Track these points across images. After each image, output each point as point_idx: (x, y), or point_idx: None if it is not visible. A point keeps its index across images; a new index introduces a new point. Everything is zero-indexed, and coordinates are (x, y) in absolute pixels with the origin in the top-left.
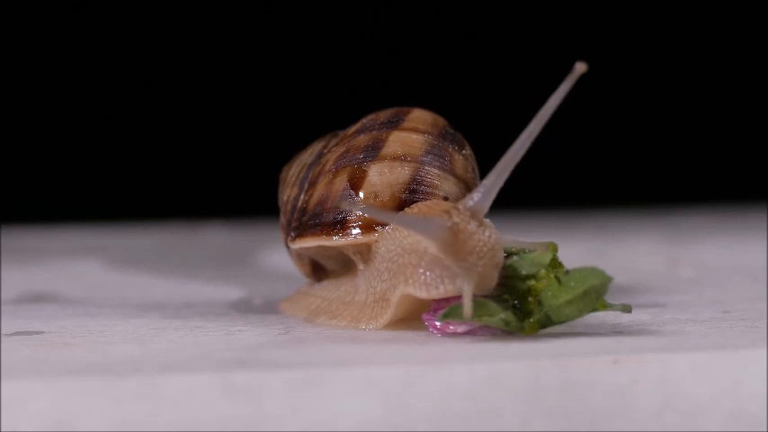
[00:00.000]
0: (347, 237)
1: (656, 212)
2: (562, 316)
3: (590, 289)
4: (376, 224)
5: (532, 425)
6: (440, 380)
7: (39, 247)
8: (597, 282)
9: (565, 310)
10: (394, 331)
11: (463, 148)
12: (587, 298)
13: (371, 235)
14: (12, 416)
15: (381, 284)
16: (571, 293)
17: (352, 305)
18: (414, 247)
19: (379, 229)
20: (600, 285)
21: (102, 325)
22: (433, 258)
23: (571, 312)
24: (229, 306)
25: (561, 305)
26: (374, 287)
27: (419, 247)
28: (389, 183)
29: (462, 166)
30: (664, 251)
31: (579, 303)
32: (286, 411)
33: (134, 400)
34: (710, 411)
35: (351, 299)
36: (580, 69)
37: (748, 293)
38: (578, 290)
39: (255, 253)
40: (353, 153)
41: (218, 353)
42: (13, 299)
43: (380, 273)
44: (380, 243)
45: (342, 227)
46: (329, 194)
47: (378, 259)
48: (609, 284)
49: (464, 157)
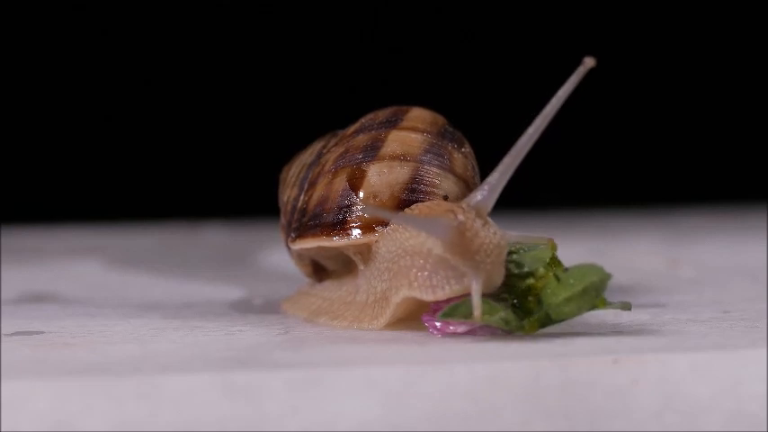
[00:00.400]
0: (347, 237)
1: (656, 212)
2: (562, 314)
3: (589, 286)
4: (376, 224)
5: (532, 425)
6: (440, 380)
7: (39, 247)
8: (596, 278)
9: (564, 308)
10: (394, 331)
11: (462, 146)
12: (587, 295)
13: (371, 235)
14: (12, 416)
15: (381, 284)
16: (570, 291)
17: (353, 305)
18: (416, 249)
19: (379, 230)
20: (599, 282)
21: (102, 325)
22: (437, 260)
23: (570, 310)
24: (229, 306)
25: (560, 303)
26: (374, 287)
27: (422, 249)
28: (389, 183)
29: (462, 164)
30: (664, 251)
31: (579, 301)
32: (286, 411)
33: (134, 400)
34: (710, 411)
35: (352, 299)
36: (589, 64)
37: (748, 293)
38: (577, 287)
39: (255, 253)
40: (352, 153)
41: (218, 353)
42: (13, 299)
43: (381, 273)
44: (381, 243)
45: (342, 227)
46: (329, 195)
47: (378, 259)
48: (608, 281)
49: (463, 155)
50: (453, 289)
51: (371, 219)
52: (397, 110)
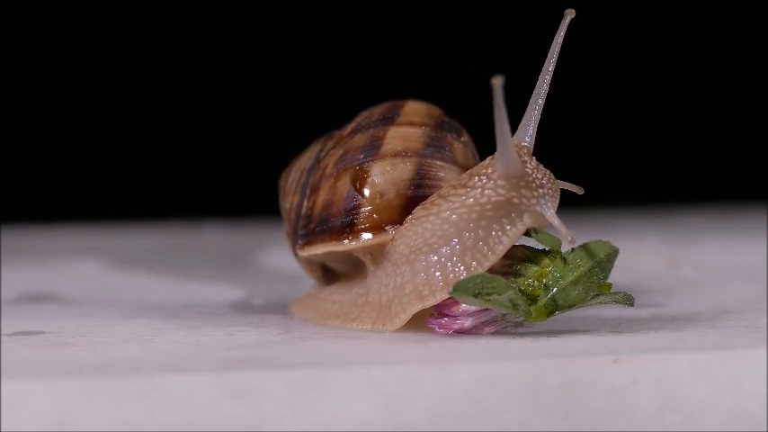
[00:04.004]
0: (358, 239)
1: (656, 212)
2: (569, 299)
3: (595, 264)
4: (386, 224)
5: (532, 425)
6: (440, 380)
7: (39, 247)
8: (603, 255)
9: (571, 291)
10: (394, 331)
11: (461, 135)
12: (594, 276)
13: (383, 235)
14: (12, 416)
15: (398, 279)
16: (577, 271)
17: (367, 307)
18: (445, 234)
19: (390, 228)
20: (606, 258)
21: (102, 325)
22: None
23: (578, 295)
24: (229, 306)
25: (567, 286)
26: (386, 285)
27: (448, 233)
28: (393, 180)
29: (463, 153)
30: (664, 251)
31: (586, 282)
32: (286, 411)
33: (134, 400)
34: (710, 411)
35: (363, 301)
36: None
37: (748, 293)
38: (584, 267)
39: (255, 253)
40: (353, 154)
41: (218, 353)
42: (13, 299)
43: (398, 267)
44: (398, 241)
45: (351, 230)
46: (333, 199)
47: (394, 256)
48: (616, 256)
49: (463, 144)
50: (518, 229)
51: (381, 218)
52: (391, 105)
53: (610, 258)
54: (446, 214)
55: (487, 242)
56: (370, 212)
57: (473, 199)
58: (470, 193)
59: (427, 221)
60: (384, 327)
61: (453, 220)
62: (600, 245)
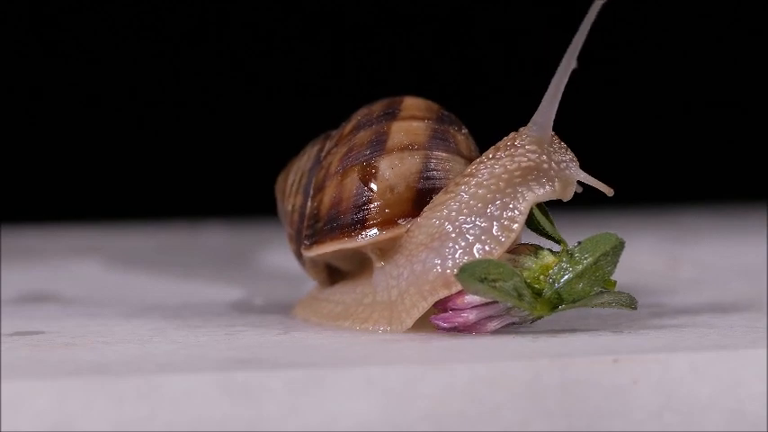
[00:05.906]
0: (371, 235)
1: (656, 212)
2: (573, 293)
3: (600, 257)
4: (398, 218)
5: (532, 425)
6: (440, 380)
7: (39, 247)
8: (609, 247)
9: (576, 285)
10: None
11: (461, 127)
12: (599, 270)
13: (396, 229)
14: (12, 416)
15: (416, 267)
16: (582, 264)
17: (376, 306)
18: (472, 211)
19: (404, 221)
20: (611, 251)
21: (102, 325)
22: (505, 193)
23: (583, 288)
24: (229, 306)
25: (572, 280)
26: (397, 278)
27: (476, 206)
28: (402, 174)
29: (466, 145)
30: (664, 251)
31: (591, 276)
32: (286, 411)
33: (134, 400)
34: (710, 411)
35: (371, 300)
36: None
37: (748, 293)
38: (589, 260)
39: (255, 253)
40: (358, 150)
41: (218, 353)
42: (13, 299)
43: (414, 256)
44: (416, 231)
45: (362, 226)
46: (341, 196)
47: (409, 247)
48: (621, 249)
49: (465, 136)
50: (548, 190)
51: (393, 213)
52: (390, 101)
53: (616, 251)
54: (473, 190)
55: (514, 209)
56: (381, 207)
57: (502, 167)
58: (500, 161)
59: (454, 202)
60: (402, 323)
61: (480, 194)
62: (606, 237)
